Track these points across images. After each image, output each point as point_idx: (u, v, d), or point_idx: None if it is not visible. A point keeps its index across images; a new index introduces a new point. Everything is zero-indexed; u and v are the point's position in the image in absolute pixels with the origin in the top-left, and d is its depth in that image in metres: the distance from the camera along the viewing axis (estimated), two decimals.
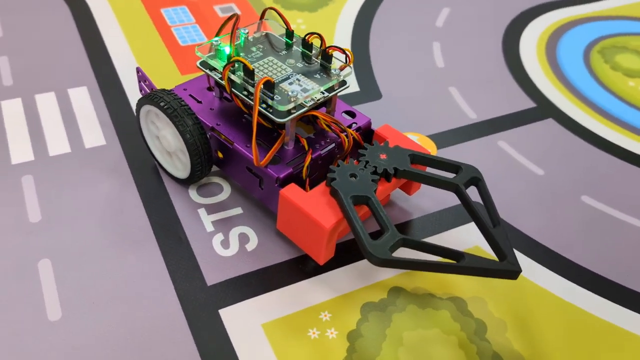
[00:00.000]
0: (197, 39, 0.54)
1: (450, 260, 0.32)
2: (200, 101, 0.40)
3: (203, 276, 0.35)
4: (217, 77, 0.37)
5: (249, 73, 0.35)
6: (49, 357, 0.31)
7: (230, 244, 0.37)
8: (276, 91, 0.35)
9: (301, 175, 0.36)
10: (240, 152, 0.36)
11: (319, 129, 0.39)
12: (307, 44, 0.38)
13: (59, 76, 0.49)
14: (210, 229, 0.38)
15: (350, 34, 0.57)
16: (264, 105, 0.35)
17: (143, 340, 0.32)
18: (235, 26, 0.36)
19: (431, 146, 0.46)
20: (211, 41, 0.37)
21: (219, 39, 0.37)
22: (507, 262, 0.32)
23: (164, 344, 0.32)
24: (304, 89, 0.36)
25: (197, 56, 0.38)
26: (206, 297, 0.34)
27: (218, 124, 0.38)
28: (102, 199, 0.39)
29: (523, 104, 0.51)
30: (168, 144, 0.38)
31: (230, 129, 0.38)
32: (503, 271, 0.31)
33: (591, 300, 0.36)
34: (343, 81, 0.38)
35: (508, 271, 0.31)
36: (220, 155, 0.38)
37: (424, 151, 0.37)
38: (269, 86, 0.34)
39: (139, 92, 0.43)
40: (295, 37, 0.39)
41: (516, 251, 0.39)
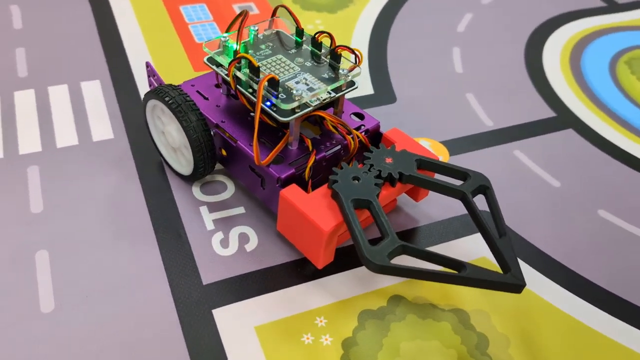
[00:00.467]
0: (213, 37, 0.54)
1: (452, 270, 0.31)
2: (207, 97, 0.39)
3: (199, 274, 0.35)
4: (223, 73, 0.36)
5: (254, 70, 0.34)
6: (38, 349, 0.31)
7: (230, 244, 0.37)
8: (281, 89, 0.34)
9: (304, 177, 0.35)
10: (243, 150, 0.36)
11: (325, 130, 0.38)
12: (316, 43, 0.37)
13: (74, 69, 0.49)
14: (211, 227, 0.37)
15: (369, 36, 0.56)
16: (267, 104, 0.34)
17: (133, 336, 0.32)
18: (243, 23, 0.36)
19: (443, 152, 0.45)
20: (219, 37, 0.37)
21: (227, 35, 0.37)
22: (511, 274, 0.30)
23: (154, 341, 0.31)
24: (310, 88, 0.35)
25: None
26: (200, 296, 0.34)
27: (223, 121, 0.37)
28: (105, 192, 0.39)
29: (542, 113, 0.50)
30: (173, 139, 0.38)
31: (234, 127, 0.37)
32: (506, 284, 0.30)
33: (601, 319, 0.35)
34: (351, 82, 0.37)
35: (511, 284, 0.30)
36: (224, 153, 0.38)
37: (432, 157, 0.36)
38: (274, 84, 0.34)
39: (148, 87, 0.43)
40: (306, 36, 0.39)
41: (525, 264, 0.37)
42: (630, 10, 0.64)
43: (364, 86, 0.50)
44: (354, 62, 0.37)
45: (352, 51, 0.36)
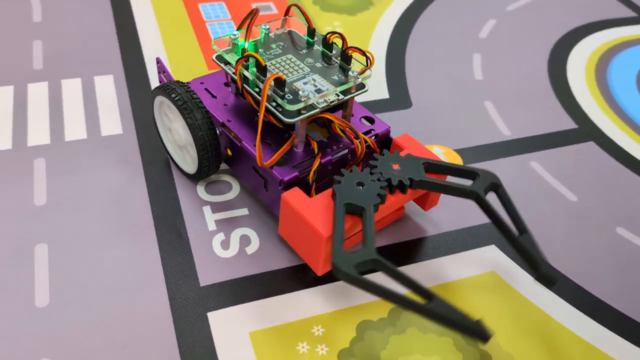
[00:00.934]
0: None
1: (420, 299, 0.28)
2: (215, 96, 0.39)
3: (197, 275, 0.34)
4: (231, 72, 0.36)
5: (262, 69, 0.33)
6: (29, 343, 0.30)
7: (231, 245, 0.36)
8: (287, 90, 0.33)
9: (308, 180, 0.34)
10: (248, 150, 0.35)
11: (333, 133, 0.37)
12: (327, 44, 0.37)
13: (88, 63, 0.49)
14: (213, 227, 0.37)
15: (388, 39, 0.55)
16: (273, 104, 0.33)
17: (125, 335, 0.31)
18: (252, 21, 0.35)
19: (457, 160, 0.43)
20: (228, 35, 0.36)
21: (237, 32, 0.36)
22: (542, 270, 0.31)
23: (146, 341, 0.31)
24: (318, 90, 0.34)
25: None
26: (196, 298, 0.33)
27: (229, 120, 0.37)
28: (109, 187, 0.39)
29: (563, 124, 0.48)
30: (179, 137, 0.37)
31: (241, 126, 0.36)
32: (468, 329, 0.27)
33: (617, 344, 0.33)
34: (361, 84, 0.36)
35: (474, 330, 0.27)
36: (230, 152, 0.37)
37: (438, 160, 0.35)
38: (280, 84, 0.33)
39: (158, 83, 0.43)
40: (318, 36, 0.38)
41: (536, 282, 0.36)
42: None
43: (379, 90, 0.49)
44: (365, 64, 0.36)
45: (364, 53, 0.35)
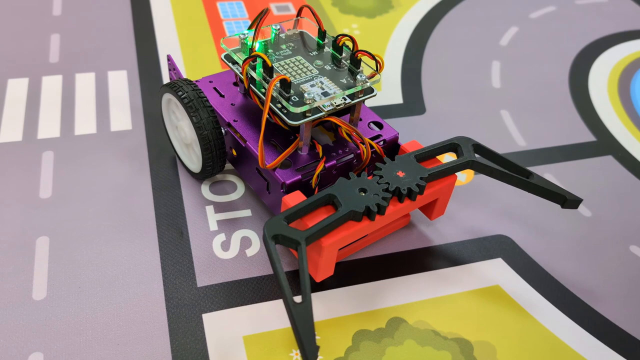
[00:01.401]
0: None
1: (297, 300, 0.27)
2: (223, 95, 0.38)
3: (195, 276, 0.34)
4: (238, 71, 0.35)
5: (268, 70, 0.33)
6: (22, 335, 0.30)
7: (231, 247, 0.35)
8: (293, 91, 0.33)
9: (310, 184, 0.34)
10: (252, 151, 0.35)
11: (340, 137, 0.36)
12: (337, 46, 0.36)
13: (103, 58, 0.49)
14: (214, 227, 0.36)
15: (406, 43, 0.54)
16: (278, 105, 0.33)
17: (119, 332, 0.31)
18: (261, 21, 0.35)
19: (467, 169, 0.42)
20: (238, 34, 0.36)
21: (246, 32, 0.36)
22: (568, 199, 0.33)
23: (139, 339, 0.31)
24: (324, 93, 0.33)
25: None
26: (192, 299, 0.33)
27: (235, 120, 0.36)
28: (114, 183, 0.39)
29: (581, 136, 0.47)
30: (185, 135, 0.37)
31: (246, 127, 0.36)
32: (303, 348, 0.26)
33: None
34: (370, 89, 0.35)
35: (307, 352, 0.26)
36: (235, 153, 0.37)
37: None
38: (285, 85, 0.32)
39: (169, 80, 0.43)
40: (328, 38, 0.37)
41: (541, 296, 0.35)
42: None
43: (393, 95, 0.48)
44: (375, 68, 0.35)
45: (373, 57, 0.35)
